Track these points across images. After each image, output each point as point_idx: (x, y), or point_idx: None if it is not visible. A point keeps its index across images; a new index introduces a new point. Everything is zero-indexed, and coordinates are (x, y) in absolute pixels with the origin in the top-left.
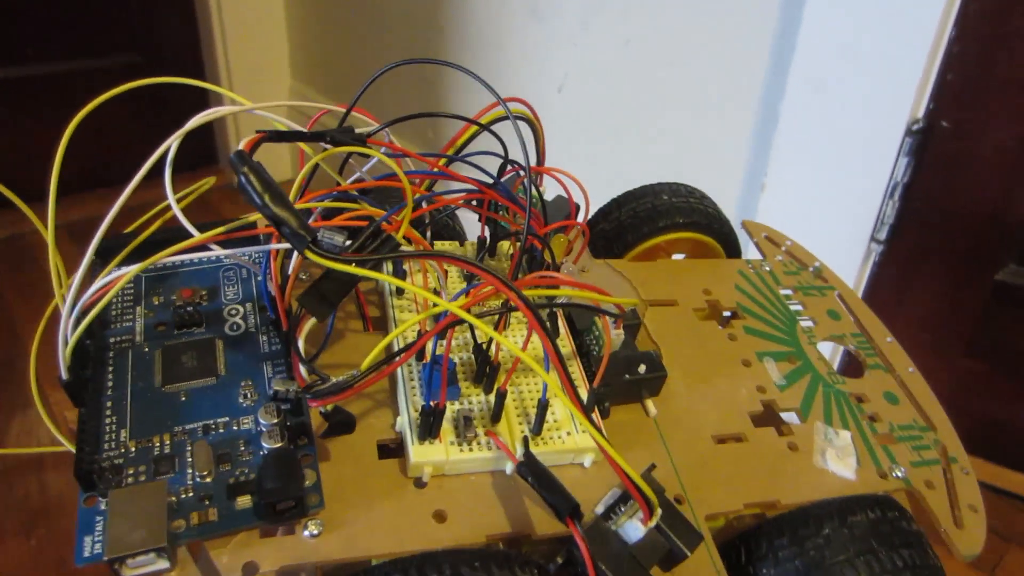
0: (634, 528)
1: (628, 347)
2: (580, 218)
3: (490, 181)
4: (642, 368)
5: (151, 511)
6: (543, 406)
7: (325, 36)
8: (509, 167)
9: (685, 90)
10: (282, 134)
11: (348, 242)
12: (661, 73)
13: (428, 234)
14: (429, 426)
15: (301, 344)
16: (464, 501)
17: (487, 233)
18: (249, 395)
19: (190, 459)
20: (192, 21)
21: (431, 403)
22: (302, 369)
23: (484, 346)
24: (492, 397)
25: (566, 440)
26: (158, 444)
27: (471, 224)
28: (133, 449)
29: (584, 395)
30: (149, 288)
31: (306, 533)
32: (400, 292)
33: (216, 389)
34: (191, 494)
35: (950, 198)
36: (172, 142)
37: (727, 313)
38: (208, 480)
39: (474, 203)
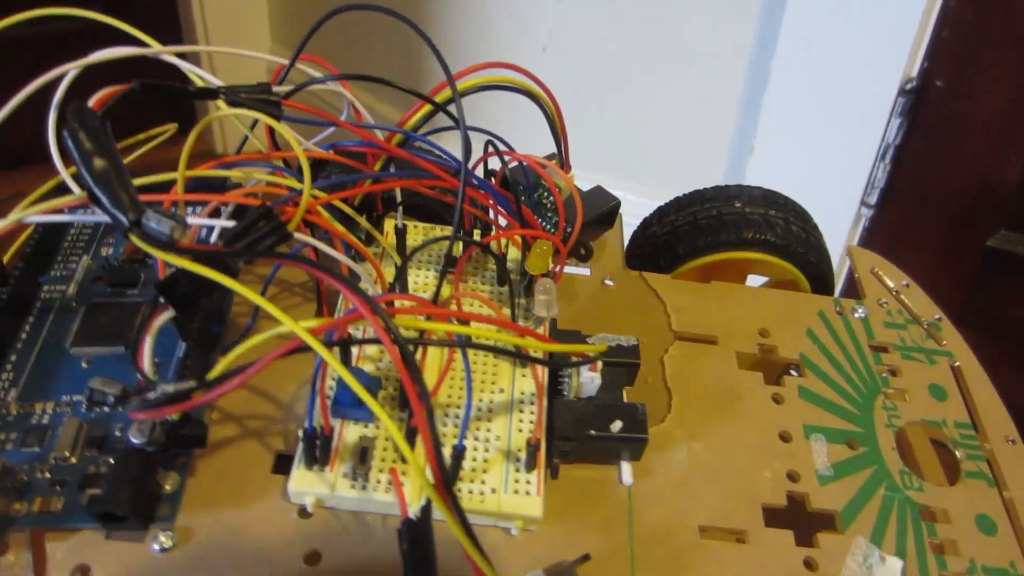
0: None
1: (612, 393)
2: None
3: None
4: (616, 425)
5: None
6: (457, 454)
7: None
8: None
9: (673, 48)
10: (156, 87)
11: (222, 228)
12: (649, 31)
13: (399, 214)
14: (314, 452)
15: (149, 340)
16: (346, 545)
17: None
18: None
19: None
20: None
21: (314, 427)
22: (146, 367)
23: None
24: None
25: (487, 499)
26: (39, 412)
27: None
28: (14, 413)
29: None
30: (105, 235)
31: (155, 546)
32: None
33: (121, 361)
34: (47, 475)
35: (942, 161)
36: (67, 70)
37: (787, 367)
38: (71, 463)
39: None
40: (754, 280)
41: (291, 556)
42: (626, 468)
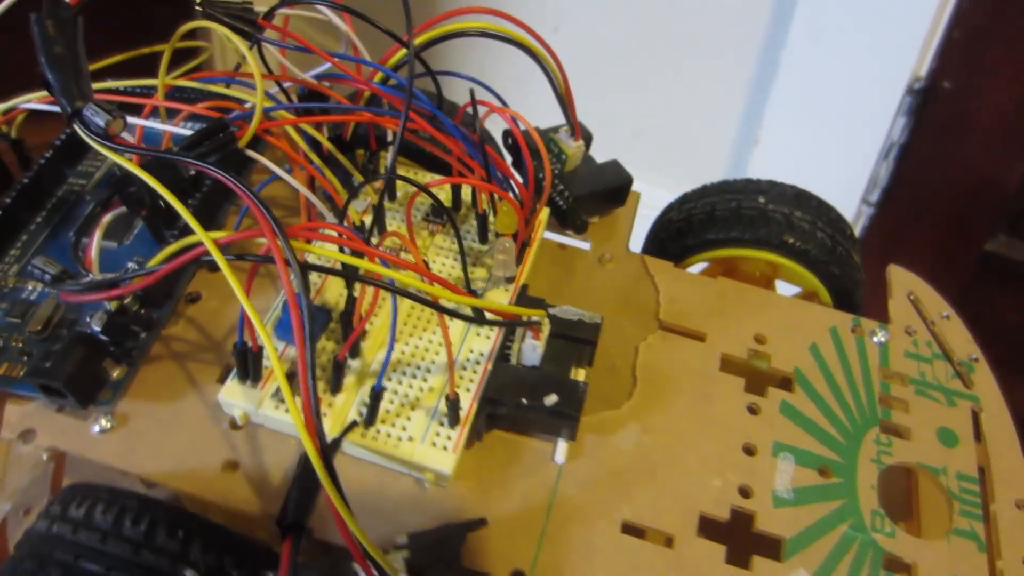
0: None
1: (560, 367)
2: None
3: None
4: (551, 399)
5: None
6: (375, 394)
7: None
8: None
9: (685, 34)
10: None
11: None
12: (661, 14)
13: (391, 153)
14: (246, 367)
15: (98, 233)
16: (262, 462)
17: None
18: (132, 270)
19: None
20: None
21: (244, 342)
22: (92, 256)
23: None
24: (357, 362)
25: (402, 445)
26: (31, 288)
27: None
28: (10, 286)
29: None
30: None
31: (94, 427)
32: (392, 197)
33: (112, 254)
34: (20, 344)
35: (945, 163)
36: None
37: (780, 380)
38: (42, 337)
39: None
40: (786, 290)
41: (211, 461)
42: (561, 446)
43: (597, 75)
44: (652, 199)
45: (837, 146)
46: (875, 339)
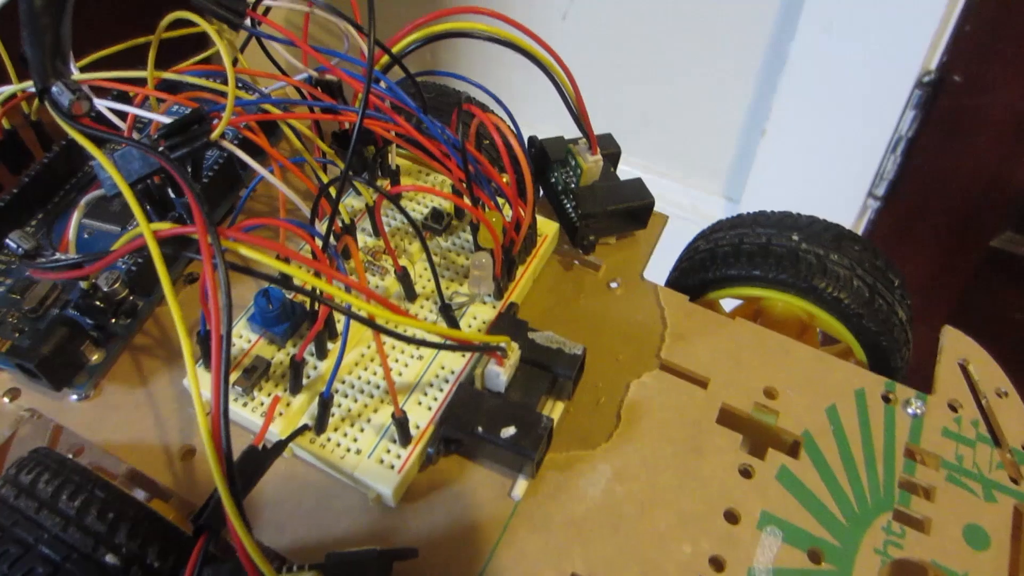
0: None
1: (528, 397)
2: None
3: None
4: (508, 432)
5: None
6: (323, 402)
7: None
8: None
9: (694, 23)
10: None
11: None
12: (671, 2)
13: (390, 155)
14: (208, 355)
15: (76, 214)
16: None
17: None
18: (129, 256)
19: None
20: None
21: (207, 330)
22: (69, 236)
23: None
24: (324, 363)
25: (348, 458)
26: None
27: None
28: (16, 263)
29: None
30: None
31: (72, 396)
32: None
33: (112, 238)
34: (15, 320)
35: (953, 157)
36: None
37: (790, 444)
38: (35, 315)
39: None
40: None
41: (171, 444)
42: (520, 482)
43: (605, 63)
44: (655, 188)
45: (844, 138)
46: (908, 410)
